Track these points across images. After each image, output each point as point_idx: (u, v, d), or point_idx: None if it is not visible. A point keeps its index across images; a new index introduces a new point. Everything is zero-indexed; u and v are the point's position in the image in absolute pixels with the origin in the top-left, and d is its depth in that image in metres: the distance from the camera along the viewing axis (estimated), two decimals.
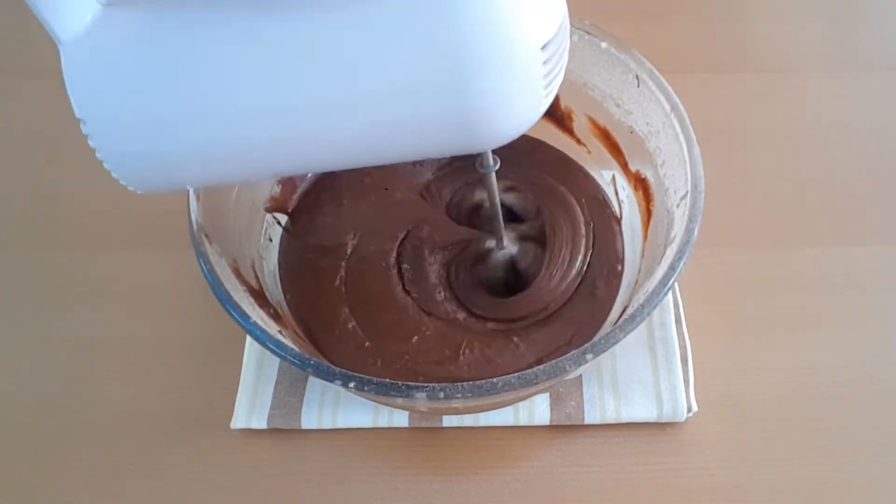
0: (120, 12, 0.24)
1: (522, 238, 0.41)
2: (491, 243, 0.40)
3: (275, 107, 0.24)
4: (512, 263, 0.41)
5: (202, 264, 0.31)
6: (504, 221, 0.38)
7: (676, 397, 0.38)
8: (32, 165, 0.51)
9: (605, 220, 0.42)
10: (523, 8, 0.22)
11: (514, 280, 0.41)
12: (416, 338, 0.38)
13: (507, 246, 0.40)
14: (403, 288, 0.40)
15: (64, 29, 0.24)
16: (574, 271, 0.40)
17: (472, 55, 0.22)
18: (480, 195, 0.43)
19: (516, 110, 0.24)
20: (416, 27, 0.22)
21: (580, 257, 0.40)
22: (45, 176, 0.51)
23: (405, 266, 0.41)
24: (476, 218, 0.43)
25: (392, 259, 0.41)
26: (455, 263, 0.41)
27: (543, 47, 0.23)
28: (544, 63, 0.23)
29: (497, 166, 0.32)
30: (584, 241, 0.41)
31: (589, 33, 0.37)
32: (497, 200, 0.35)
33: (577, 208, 0.42)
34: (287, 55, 0.23)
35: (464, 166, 0.44)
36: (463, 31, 0.22)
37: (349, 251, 0.42)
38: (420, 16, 0.22)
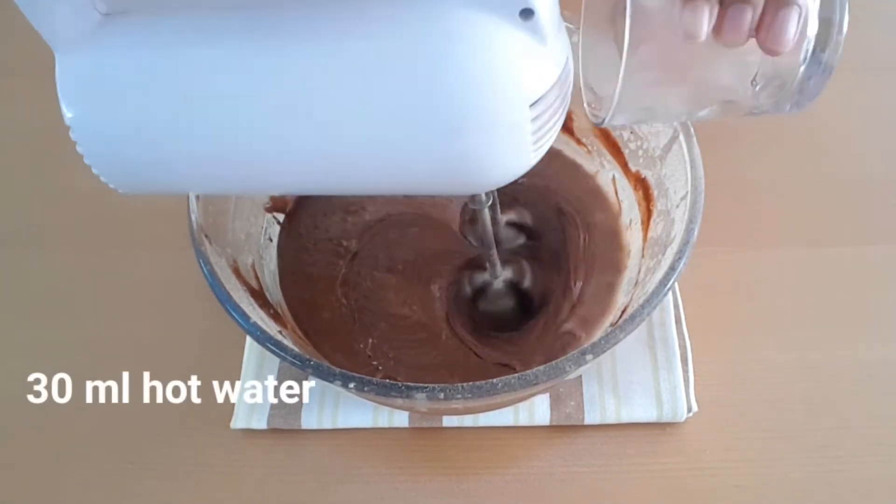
0: (117, 24, 0.24)
1: (514, 259, 0.41)
2: (485, 276, 0.40)
3: (267, 132, 0.24)
4: (514, 287, 0.41)
5: (202, 265, 0.31)
6: (517, 234, 0.39)
7: (676, 397, 0.38)
8: (33, 165, 0.51)
9: (604, 221, 0.42)
10: (513, 65, 0.22)
11: (522, 302, 0.41)
12: (414, 344, 0.39)
13: (501, 273, 0.39)
14: (402, 298, 0.40)
15: (60, 36, 0.24)
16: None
17: (461, 105, 0.23)
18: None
19: (504, 160, 0.25)
20: (412, 69, 0.22)
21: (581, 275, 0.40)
22: (46, 176, 0.51)
23: (403, 276, 0.41)
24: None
25: (392, 267, 0.41)
26: (456, 293, 0.41)
27: (533, 105, 0.23)
28: (533, 120, 0.23)
29: (489, 202, 0.32)
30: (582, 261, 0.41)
31: None
32: (490, 235, 0.35)
33: (575, 219, 0.42)
34: (279, 84, 0.23)
35: None
36: (454, 81, 0.22)
37: (351, 253, 0.42)
38: (416, 59, 0.22)
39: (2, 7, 0.61)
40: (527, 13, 0.22)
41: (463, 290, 0.41)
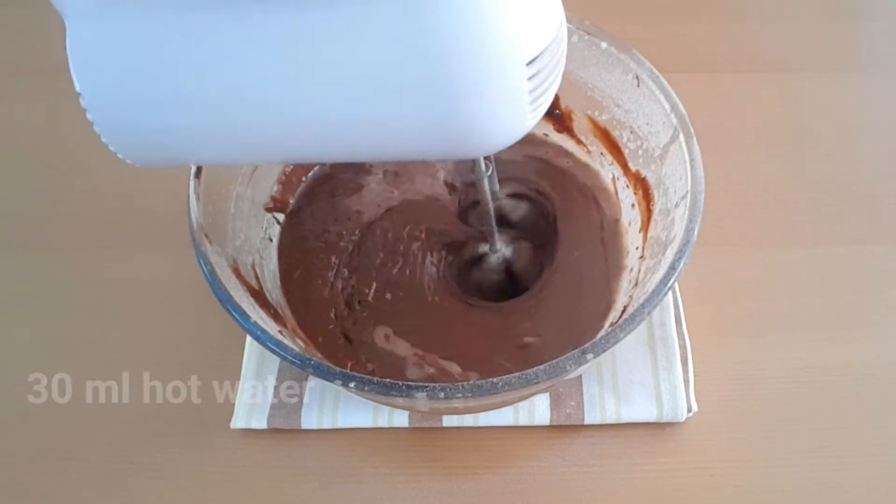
0: None
1: (515, 239, 0.41)
2: (485, 247, 0.40)
3: (267, 97, 0.24)
4: (507, 266, 0.41)
5: (202, 265, 0.31)
6: (499, 225, 0.39)
7: (676, 397, 0.38)
8: (32, 165, 0.51)
9: (604, 220, 0.42)
10: (510, 22, 0.22)
11: (511, 284, 0.41)
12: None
13: (501, 249, 0.40)
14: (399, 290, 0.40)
15: (70, 4, 0.24)
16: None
17: (455, 63, 0.22)
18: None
19: (501, 122, 0.24)
20: (404, 28, 0.22)
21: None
22: (46, 176, 0.51)
23: (400, 267, 0.41)
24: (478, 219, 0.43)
25: (390, 260, 0.41)
26: (452, 265, 0.41)
27: (530, 63, 0.23)
28: (530, 78, 0.23)
29: (489, 172, 0.32)
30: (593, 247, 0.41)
31: (589, 33, 0.37)
32: (489, 205, 0.35)
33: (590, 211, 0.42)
34: (280, 50, 0.23)
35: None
36: (448, 38, 0.22)
37: (349, 250, 0.42)
38: (408, 18, 0.22)
39: (4, 9, 0.61)
40: None
41: (460, 259, 0.41)
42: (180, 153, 0.28)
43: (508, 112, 0.24)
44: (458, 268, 0.41)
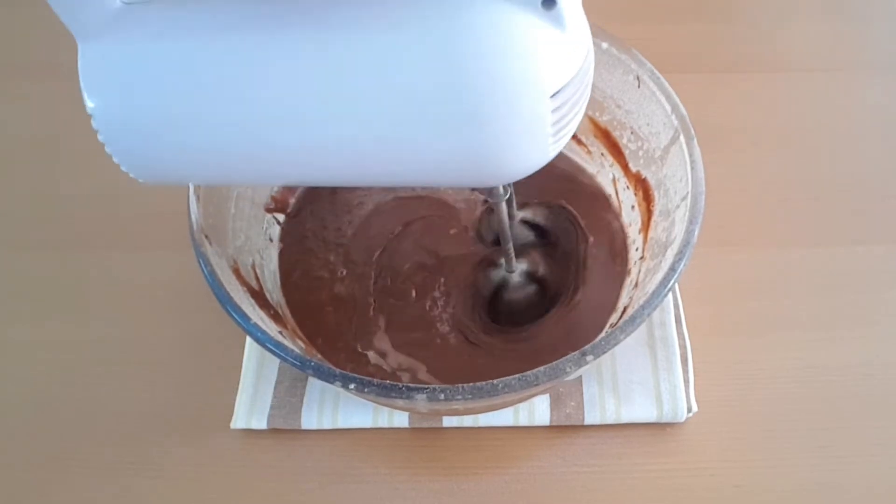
0: (139, 11, 0.24)
1: (530, 274, 0.41)
2: (501, 272, 0.40)
3: (284, 121, 0.24)
4: (531, 277, 0.41)
5: (202, 265, 0.31)
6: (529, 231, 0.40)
7: (676, 397, 0.38)
8: (32, 165, 0.51)
9: (605, 221, 0.42)
10: (535, 55, 0.22)
11: (498, 301, 0.41)
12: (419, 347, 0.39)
13: (517, 267, 0.40)
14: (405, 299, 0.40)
15: (82, 25, 0.24)
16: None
17: (482, 95, 0.22)
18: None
19: (523, 152, 0.24)
20: (430, 57, 0.22)
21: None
22: (45, 176, 0.51)
23: (393, 273, 0.41)
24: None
25: (386, 264, 0.41)
26: (473, 293, 0.41)
27: (554, 95, 0.23)
28: (553, 111, 0.23)
29: (507, 195, 0.32)
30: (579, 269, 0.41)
31: None
32: (506, 227, 0.35)
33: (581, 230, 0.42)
34: (301, 74, 0.23)
35: None
36: (475, 71, 0.22)
37: (348, 251, 0.42)
38: (435, 47, 0.22)
39: (4, 9, 0.61)
40: (549, 3, 0.21)
41: (481, 289, 0.41)
42: (191, 173, 0.28)
43: (531, 142, 0.24)
44: (482, 298, 0.41)
